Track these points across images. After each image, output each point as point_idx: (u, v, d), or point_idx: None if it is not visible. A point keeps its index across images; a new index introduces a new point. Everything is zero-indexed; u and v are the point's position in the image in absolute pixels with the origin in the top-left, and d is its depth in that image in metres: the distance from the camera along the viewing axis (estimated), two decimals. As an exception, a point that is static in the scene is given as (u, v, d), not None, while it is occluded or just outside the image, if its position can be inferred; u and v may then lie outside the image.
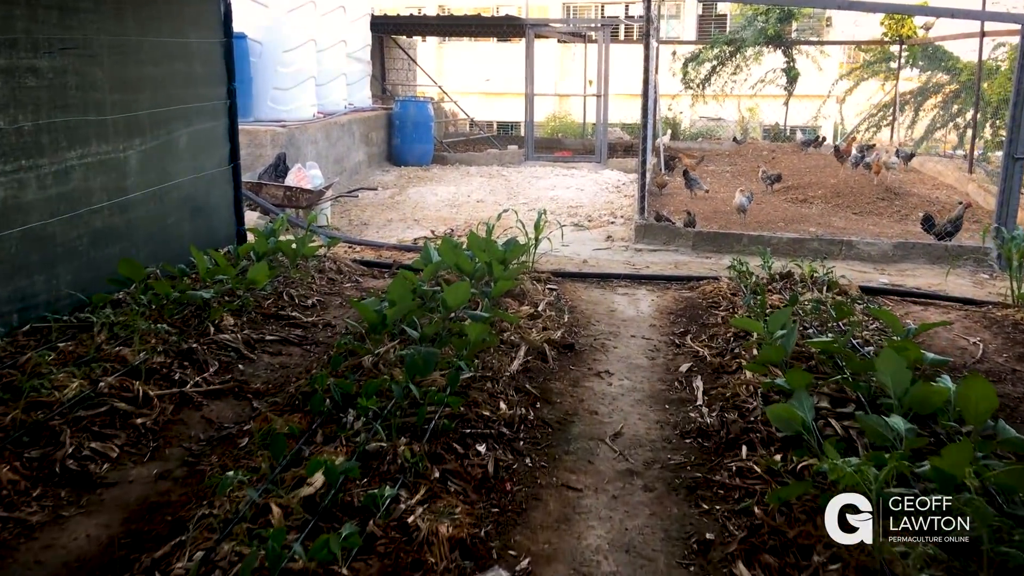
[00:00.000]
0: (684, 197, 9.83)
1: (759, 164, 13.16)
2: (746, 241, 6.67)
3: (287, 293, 4.84)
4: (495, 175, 11.42)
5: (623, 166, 12.77)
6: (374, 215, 8.85)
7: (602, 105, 13.01)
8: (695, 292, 5.38)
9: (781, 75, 17.64)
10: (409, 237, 7.82)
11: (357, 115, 11.08)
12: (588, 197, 9.84)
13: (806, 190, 9.74)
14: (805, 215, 8.66)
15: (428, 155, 12.47)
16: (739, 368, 3.75)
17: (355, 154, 10.79)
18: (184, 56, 5.06)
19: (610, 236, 7.42)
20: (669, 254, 6.72)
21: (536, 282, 5.36)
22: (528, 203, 9.52)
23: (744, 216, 8.19)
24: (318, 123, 9.43)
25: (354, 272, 5.75)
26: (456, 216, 8.85)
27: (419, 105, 12.19)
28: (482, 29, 14.29)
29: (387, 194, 9.91)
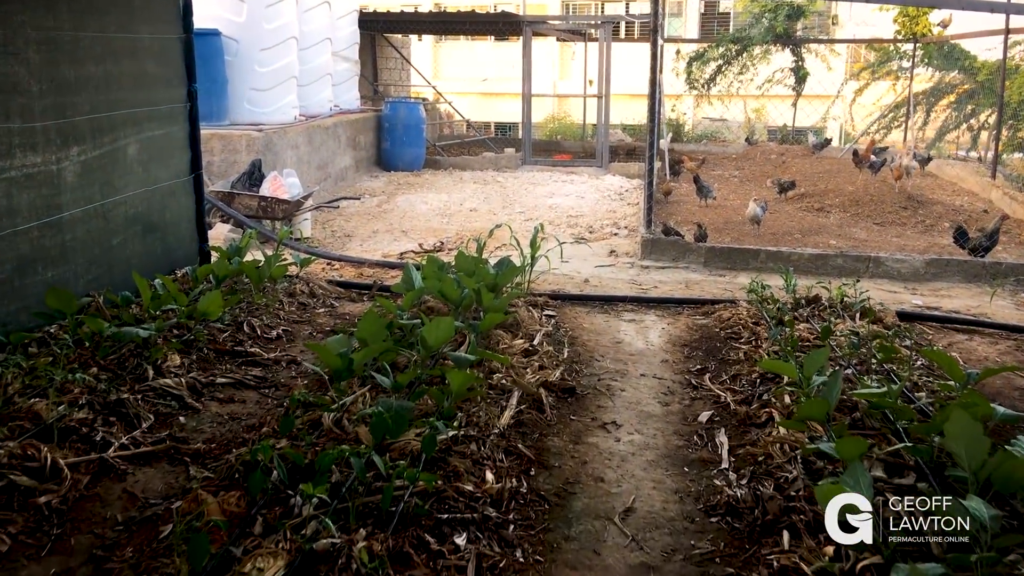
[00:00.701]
0: (692, 205, 9.31)
1: (769, 168, 12.66)
2: (763, 257, 6.14)
3: (249, 323, 4.30)
4: (490, 181, 10.90)
5: (625, 171, 12.25)
6: (359, 226, 8.33)
7: (603, 106, 12.50)
8: (711, 318, 4.85)
9: (789, 75, 17.15)
10: (395, 251, 7.30)
11: (343, 117, 10.55)
12: (589, 205, 9.32)
13: (822, 198, 9.22)
14: (823, 225, 8.14)
15: (419, 159, 11.95)
16: (770, 419, 3.22)
17: (341, 159, 10.27)
18: (133, 53, 4.52)
19: (614, 251, 6.89)
20: (679, 272, 6.19)
21: (532, 308, 4.84)
22: (525, 212, 9.00)
23: (758, 227, 7.67)
24: (299, 126, 8.90)
25: (329, 294, 5.22)
26: (447, 227, 8.32)
27: (410, 107, 11.67)
28: (477, 27, 13.77)
29: (374, 202, 9.38)
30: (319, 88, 10.16)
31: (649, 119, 6.17)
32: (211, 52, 8.04)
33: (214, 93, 8.12)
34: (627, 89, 22.78)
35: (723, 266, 6.23)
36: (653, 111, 6.17)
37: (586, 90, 17.24)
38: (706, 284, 5.89)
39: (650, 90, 6.09)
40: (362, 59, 17.01)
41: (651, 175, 6.23)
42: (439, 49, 28.17)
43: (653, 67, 6.03)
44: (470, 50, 25.58)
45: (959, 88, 16.34)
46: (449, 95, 27.63)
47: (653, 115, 6.20)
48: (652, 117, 6.16)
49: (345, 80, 11.33)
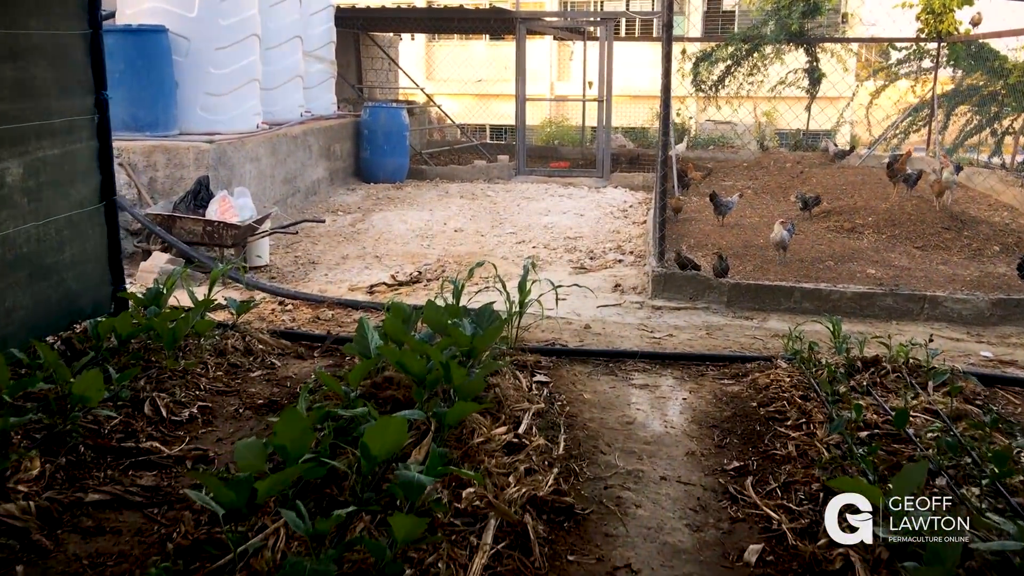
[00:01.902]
0: (704, 223, 8.42)
1: (785, 179, 11.78)
2: (798, 297, 5.26)
3: (153, 401, 3.40)
4: (479, 195, 10.01)
5: (628, 182, 11.38)
6: (327, 250, 7.44)
7: (604, 111, 11.63)
8: (744, 384, 3.97)
9: (802, 76, 16.31)
10: (365, 282, 6.42)
11: (316, 124, 9.67)
12: (589, 224, 8.43)
13: (852, 216, 8.34)
14: (856, 250, 7.26)
15: (402, 170, 11.06)
16: (848, 566, 2.33)
17: (312, 171, 9.37)
18: (14, 55, 3.63)
19: (619, 285, 6.00)
20: (697, 314, 5.30)
21: (520, 370, 3.95)
22: (516, 232, 8.11)
23: (785, 254, 6.78)
24: (261, 135, 8.01)
25: (271, 350, 4.32)
26: (428, 251, 7.44)
27: (391, 112, 10.78)
28: (466, 24, 12.90)
29: (347, 220, 8.49)
30: (288, 92, 9.28)
31: (662, 130, 5.27)
32: (155, 52, 7.15)
33: (160, 99, 7.23)
34: (628, 90, 21.99)
35: (750, 307, 5.35)
36: (667, 121, 5.28)
37: (585, 92, 16.38)
38: (731, 331, 5.00)
39: (663, 97, 5.20)
40: (345, 60, 16.15)
41: (663, 197, 5.34)
42: (432, 49, 27.35)
43: (667, 69, 5.14)
44: (464, 50, 24.76)
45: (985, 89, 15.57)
46: (442, 97, 26.76)
47: (666, 124, 5.31)
48: (665, 128, 5.27)
49: (319, 83, 10.45)
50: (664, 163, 5.29)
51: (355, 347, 3.65)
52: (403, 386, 3.46)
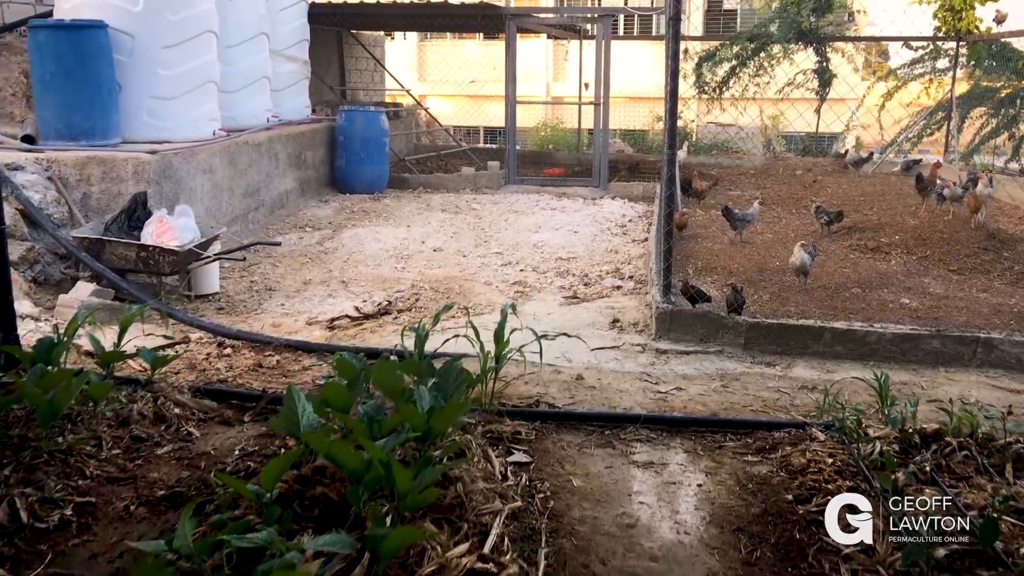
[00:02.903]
0: (712, 241, 7.70)
1: (796, 188, 11.07)
2: (828, 339, 4.54)
3: (12, 501, 2.66)
4: (463, 208, 9.27)
5: (628, 192, 10.66)
6: (288, 273, 6.71)
7: (601, 115, 10.91)
8: (773, 463, 3.24)
9: (812, 77, 15.63)
10: (327, 313, 5.69)
11: (285, 130, 8.93)
12: (584, 243, 7.70)
13: (876, 234, 7.63)
14: (884, 274, 6.54)
15: (381, 179, 10.33)
16: None
17: (280, 182, 8.64)
18: None
19: (617, 320, 5.27)
20: (709, 359, 4.57)
21: (494, 444, 3.23)
22: (503, 252, 7.37)
23: (806, 280, 6.06)
24: (217, 144, 7.27)
25: (191, 414, 3.58)
26: (402, 274, 6.71)
27: (369, 116, 10.05)
28: (452, 21, 12.19)
29: (315, 238, 7.75)
30: (252, 95, 8.55)
31: (667, 142, 4.53)
32: (93, 50, 6.42)
33: (98, 104, 6.50)
34: (627, 92, 21.28)
35: (772, 350, 4.62)
36: (672, 132, 4.55)
37: (581, 94, 15.67)
38: (751, 381, 4.27)
39: (669, 104, 4.46)
40: (326, 60, 15.41)
41: (668, 220, 4.61)
42: (424, 49, 26.67)
43: (674, 70, 4.41)
44: (457, 50, 24.11)
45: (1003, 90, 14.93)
46: (435, 98, 26.05)
47: (672, 136, 4.59)
48: (671, 140, 4.53)
49: (290, 85, 9.72)
50: (671, 180, 4.56)
51: (281, 422, 2.92)
52: (339, 479, 2.73)
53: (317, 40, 14.10)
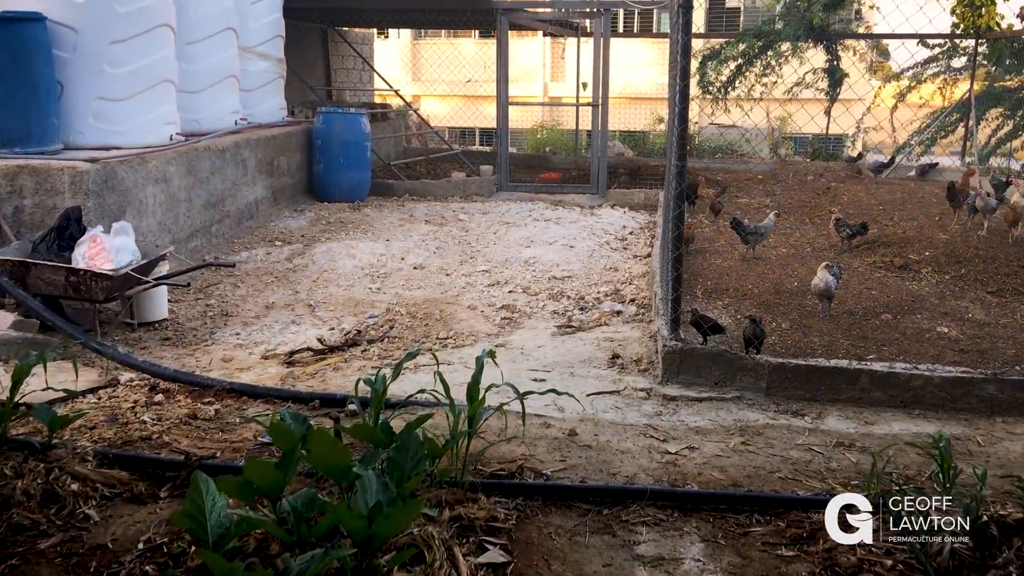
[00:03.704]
0: (722, 256, 7.09)
1: (809, 195, 10.44)
2: (866, 383, 3.91)
3: None
4: (449, 219, 8.64)
5: (628, 200, 10.03)
6: (251, 295, 6.08)
7: (599, 117, 10.29)
8: (814, 561, 2.61)
9: (821, 76, 15.03)
10: (287, 344, 5.09)
11: (255, 134, 8.30)
12: (580, 259, 7.07)
13: (903, 249, 7.01)
14: (916, 297, 5.92)
15: (362, 186, 9.70)
16: None
17: (248, 190, 8.01)
18: None
19: (617, 356, 4.63)
20: (726, 408, 3.94)
21: (463, 535, 2.61)
22: (490, 270, 6.75)
23: (830, 305, 5.44)
24: (173, 149, 6.64)
25: (92, 488, 2.95)
26: (376, 296, 6.08)
27: (349, 119, 9.42)
28: (440, 17, 11.57)
29: (285, 253, 7.12)
30: (217, 96, 7.92)
31: (676, 151, 3.90)
32: (28, 46, 5.79)
33: (33, 106, 5.87)
34: (628, 92, 20.69)
35: (799, 395, 3.99)
36: (682, 139, 3.93)
37: (579, 95, 15.06)
38: (776, 437, 3.64)
39: (678, 107, 3.83)
40: (310, 58, 14.77)
41: (677, 244, 3.98)
42: (418, 48, 26.10)
43: (684, 69, 3.78)
44: (453, 48, 23.54)
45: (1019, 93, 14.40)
46: (429, 98, 25.43)
47: (682, 142, 3.96)
48: (681, 151, 3.90)
49: (263, 84, 9.09)
50: (680, 197, 3.92)
51: (184, 516, 2.28)
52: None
53: (300, 38, 13.50)
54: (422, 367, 4.54)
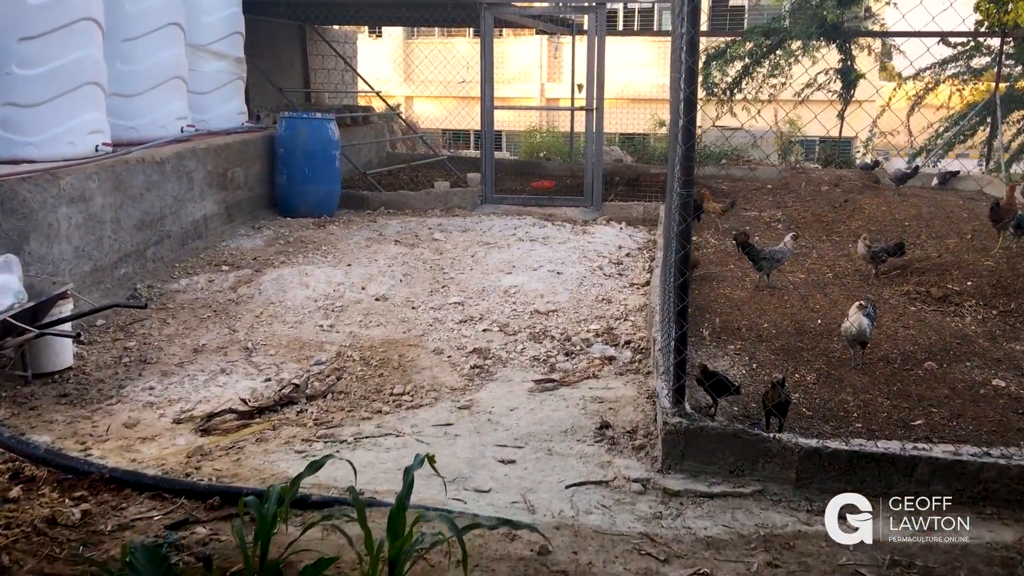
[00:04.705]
0: (731, 284, 6.27)
1: (824, 208, 9.61)
2: (924, 472, 3.08)
3: None
4: (423, 238, 7.79)
5: (625, 214, 9.20)
6: (179, 334, 5.25)
7: (594, 122, 9.47)
8: None
9: (834, 77, 14.22)
10: (209, 402, 4.27)
11: (203, 143, 7.47)
12: (569, 288, 6.23)
13: (941, 277, 6.17)
14: (961, 337, 5.09)
15: (330, 199, 8.86)
16: None
17: (194, 207, 7.17)
18: None
19: (607, 425, 3.80)
20: (745, 507, 3.10)
21: None
22: (464, 301, 5.91)
23: (863, 353, 4.61)
24: (95, 163, 5.81)
25: None
26: (327, 336, 5.25)
27: (314, 125, 8.59)
28: (417, 12, 10.73)
29: (230, 281, 6.28)
30: (159, 100, 7.09)
31: (682, 176, 3.06)
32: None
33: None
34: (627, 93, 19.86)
35: (837, 488, 3.15)
36: (689, 157, 3.10)
37: (574, 96, 14.25)
38: (811, 552, 2.81)
39: (684, 117, 3.00)
40: (287, 59, 13.94)
41: (684, 294, 3.15)
42: (410, 47, 25.33)
43: (691, 67, 2.95)
44: (446, 47, 22.76)
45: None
46: (422, 99, 24.61)
47: (689, 162, 3.13)
48: (686, 172, 3.07)
49: (218, 87, 8.26)
50: (685, 234, 3.09)
51: None
52: None
53: (275, 36, 12.68)
54: (363, 441, 3.71)
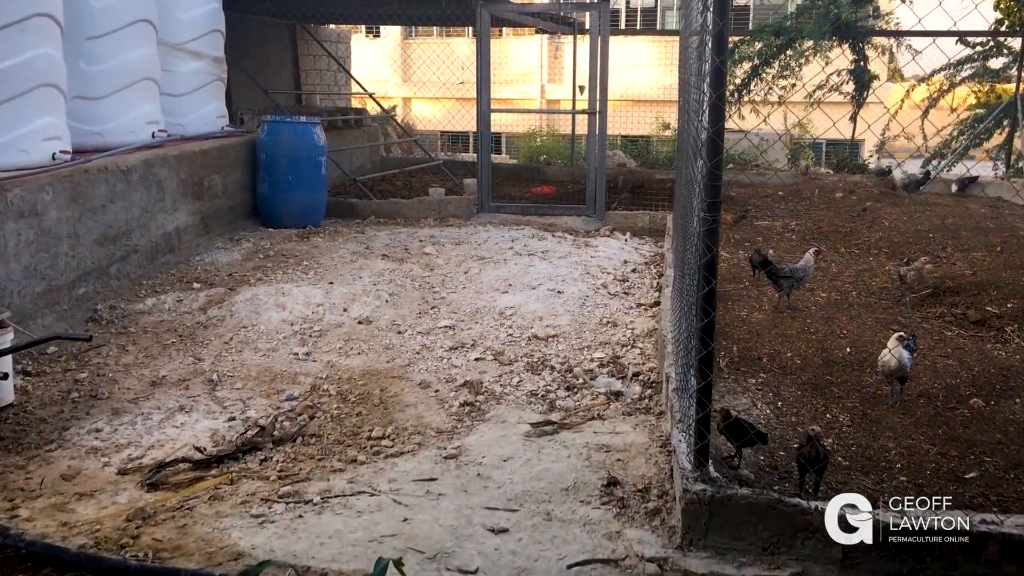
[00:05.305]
0: (747, 303, 5.80)
1: (842, 217, 9.12)
2: (994, 554, 2.61)
3: None
4: (415, 252, 7.30)
5: (630, 224, 8.72)
6: (137, 364, 4.77)
7: (597, 126, 8.98)
8: None
9: (847, 78, 13.75)
10: (162, 447, 3.83)
11: (177, 149, 6.99)
12: (571, 310, 5.74)
13: (978, 298, 5.69)
14: (1007, 369, 4.61)
15: (316, 209, 8.38)
16: None
17: (165, 219, 6.69)
18: None
19: (614, 482, 3.31)
20: (782, 595, 2.61)
21: None
22: (456, 325, 5.42)
23: (902, 389, 4.13)
24: (48, 173, 5.33)
25: None
26: (303, 366, 4.77)
27: (299, 129, 8.11)
28: (408, 9, 10.24)
29: (200, 301, 5.80)
30: (127, 102, 6.61)
31: (707, 205, 2.58)
32: None
33: None
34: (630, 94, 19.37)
35: (891, 570, 2.66)
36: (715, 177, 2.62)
37: (575, 99, 13.78)
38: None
39: (711, 129, 2.52)
40: (276, 59, 13.47)
41: (709, 338, 2.67)
42: (409, 47, 24.91)
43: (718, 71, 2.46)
44: (445, 47, 22.37)
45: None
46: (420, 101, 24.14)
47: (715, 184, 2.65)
48: (712, 196, 2.59)
49: (195, 88, 7.78)
50: (709, 267, 2.61)
51: None
52: None
53: (264, 35, 12.21)
54: (332, 502, 3.23)
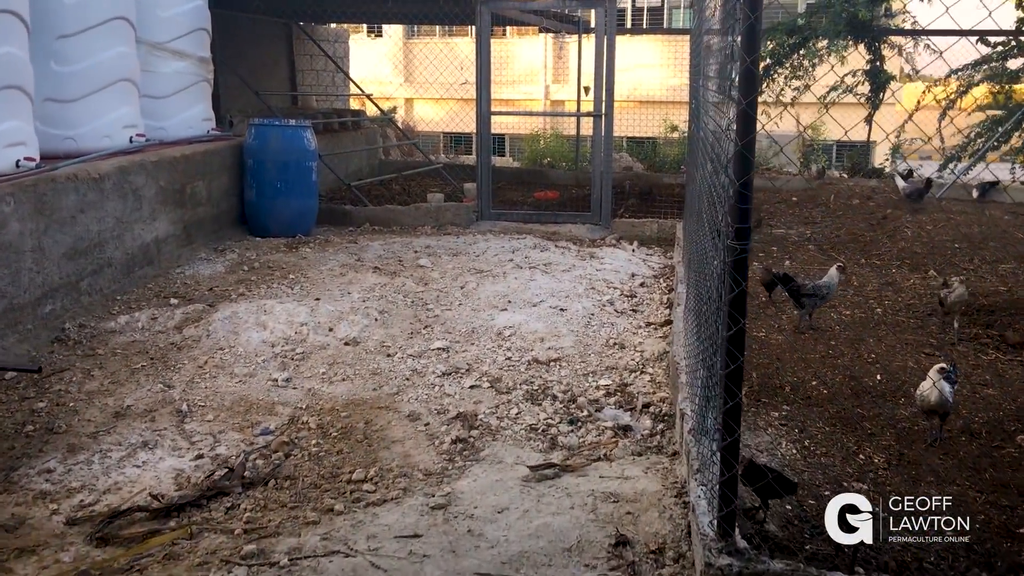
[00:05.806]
0: (765, 322, 5.39)
1: (860, 225, 8.73)
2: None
3: None
4: (408, 264, 6.93)
5: (637, 233, 8.33)
6: (101, 391, 4.40)
7: (603, 129, 8.60)
8: None
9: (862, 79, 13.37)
10: (122, 489, 3.46)
11: (156, 154, 6.63)
12: (575, 330, 5.35)
13: (1014, 318, 5.30)
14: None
15: (307, 217, 8.02)
16: None
17: (142, 229, 6.33)
18: None
19: (623, 542, 2.93)
20: None
21: None
22: (449, 348, 5.04)
23: (942, 426, 3.75)
24: (9, 183, 4.96)
25: None
26: (281, 395, 4.40)
27: (288, 133, 7.74)
28: (406, 8, 9.88)
29: (175, 319, 5.42)
30: (103, 105, 6.25)
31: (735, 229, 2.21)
32: None
33: None
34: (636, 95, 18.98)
35: (952, 662, 2.28)
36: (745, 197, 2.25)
37: (580, 100, 13.41)
38: None
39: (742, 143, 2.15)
40: (271, 59, 13.12)
41: (737, 388, 2.29)
42: (411, 47, 24.59)
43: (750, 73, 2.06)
44: (447, 48, 22.04)
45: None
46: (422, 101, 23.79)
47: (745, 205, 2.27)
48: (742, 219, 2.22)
49: (178, 90, 7.42)
50: (737, 304, 2.23)
51: None
52: None
53: (258, 34, 11.86)
54: (301, 564, 2.85)
